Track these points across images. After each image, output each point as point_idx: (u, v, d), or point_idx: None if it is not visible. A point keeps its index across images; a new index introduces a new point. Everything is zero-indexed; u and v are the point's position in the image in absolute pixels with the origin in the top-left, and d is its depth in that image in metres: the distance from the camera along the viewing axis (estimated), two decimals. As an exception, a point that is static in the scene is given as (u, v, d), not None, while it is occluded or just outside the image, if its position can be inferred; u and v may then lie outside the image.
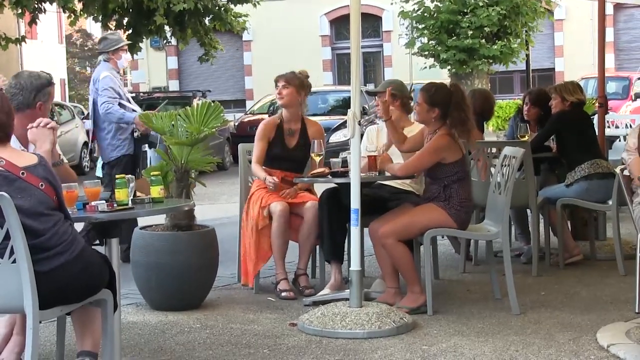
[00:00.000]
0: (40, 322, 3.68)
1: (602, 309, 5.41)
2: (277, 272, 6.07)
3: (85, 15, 18.18)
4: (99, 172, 6.51)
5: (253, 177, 6.36)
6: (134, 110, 7.37)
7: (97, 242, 4.18)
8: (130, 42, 7.27)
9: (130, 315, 5.57)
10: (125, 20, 18.57)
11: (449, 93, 5.48)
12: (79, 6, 17.56)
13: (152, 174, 4.72)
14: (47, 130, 4.04)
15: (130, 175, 4.64)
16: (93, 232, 4.22)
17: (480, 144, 6.86)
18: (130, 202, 4.38)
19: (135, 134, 7.27)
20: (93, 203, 4.17)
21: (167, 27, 18.68)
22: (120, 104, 7.33)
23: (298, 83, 6.25)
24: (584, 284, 6.17)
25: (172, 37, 19.79)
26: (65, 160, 4.44)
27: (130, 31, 18.70)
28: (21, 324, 4.13)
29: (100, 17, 18.03)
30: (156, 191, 4.59)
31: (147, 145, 7.33)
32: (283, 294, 5.93)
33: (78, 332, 3.91)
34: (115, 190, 4.33)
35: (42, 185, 3.62)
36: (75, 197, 4.15)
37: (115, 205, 4.22)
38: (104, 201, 4.19)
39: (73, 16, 17.56)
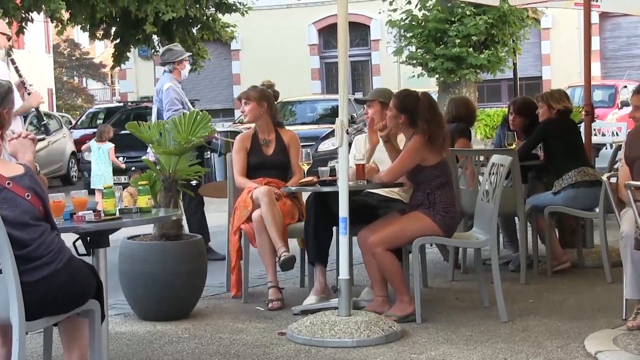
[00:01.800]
0: (26, 334, 3.67)
1: (590, 317, 5.42)
2: (268, 274, 6.05)
3: (73, 25, 18.17)
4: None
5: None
6: None
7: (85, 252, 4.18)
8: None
9: (118, 326, 5.55)
10: (113, 30, 18.57)
11: (416, 100, 5.52)
12: (66, 15, 17.55)
13: (139, 183, 4.72)
14: (28, 141, 4.02)
15: (118, 185, 4.64)
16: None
17: (468, 152, 6.88)
18: (117, 212, 4.37)
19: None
20: (80, 213, 4.16)
21: (155, 37, 18.68)
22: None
23: (257, 96, 6.36)
24: (572, 291, 6.18)
25: (160, 47, 19.80)
26: (39, 169, 4.41)
27: (117, 40, 18.70)
28: (6, 336, 4.11)
29: (87, 27, 18.03)
30: (143, 201, 4.58)
31: (209, 152, 7.36)
32: (269, 304, 5.91)
33: (65, 343, 3.89)
34: (103, 200, 4.32)
35: (28, 195, 3.61)
36: (62, 207, 4.14)
37: (102, 215, 4.21)
38: (91, 211, 4.18)
39: (60, 25, 17.54)
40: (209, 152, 7.42)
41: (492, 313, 5.50)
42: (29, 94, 6.36)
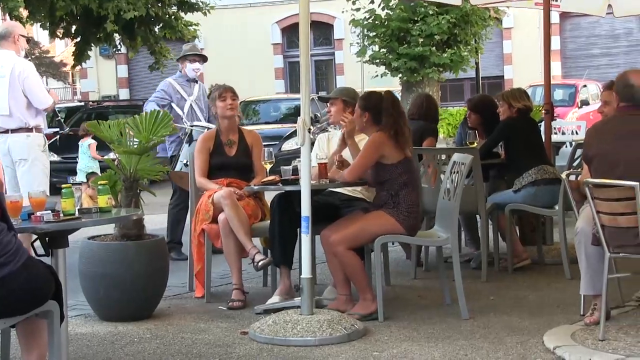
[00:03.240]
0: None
1: (549, 313, 5.48)
2: (232, 276, 6.05)
3: (32, 23, 17.97)
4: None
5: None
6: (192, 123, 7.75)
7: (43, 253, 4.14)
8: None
9: (78, 327, 5.51)
10: (73, 28, 18.40)
11: (379, 99, 5.57)
12: (25, 13, 17.34)
13: (99, 183, 4.69)
14: None
15: (76, 185, 4.61)
16: None
17: (429, 151, 6.92)
18: (76, 212, 4.34)
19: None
20: (38, 213, 4.13)
21: (116, 35, 18.54)
22: (171, 107, 7.82)
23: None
24: (532, 288, 6.25)
25: (122, 45, 19.66)
26: None
27: (78, 39, 18.53)
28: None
29: (47, 25, 17.84)
30: (103, 200, 4.55)
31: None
32: (230, 303, 5.91)
33: (23, 345, 3.86)
34: (62, 200, 4.28)
35: (-16, 195, 3.57)
36: (19, 207, 4.11)
37: (61, 215, 4.18)
38: (50, 211, 4.14)
39: (19, 23, 17.32)
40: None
41: (454, 310, 5.54)
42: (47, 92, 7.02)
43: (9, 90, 6.80)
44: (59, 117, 11.32)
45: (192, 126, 7.55)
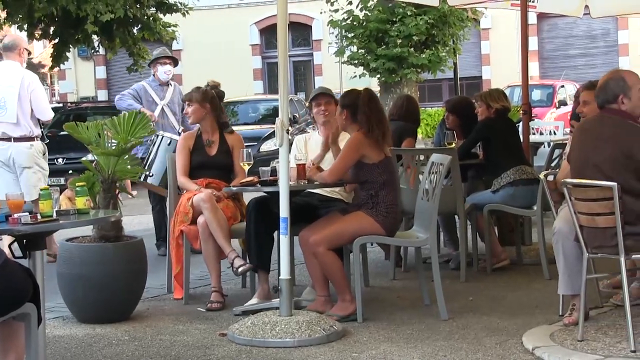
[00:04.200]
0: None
1: (528, 313, 5.50)
2: (211, 278, 6.04)
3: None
4: None
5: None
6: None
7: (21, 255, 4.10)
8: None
9: (56, 329, 5.47)
10: (52, 29, 18.27)
11: (357, 96, 5.57)
12: (2, 15, 17.21)
13: (77, 184, 4.65)
14: None
15: (55, 187, 4.57)
16: None
17: (408, 151, 6.93)
18: (54, 214, 4.31)
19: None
20: (16, 215, 4.09)
21: (95, 37, 18.43)
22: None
23: (200, 98, 6.36)
24: (511, 288, 6.27)
25: (100, 47, 19.54)
26: None
27: (56, 40, 18.41)
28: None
29: (25, 26, 17.71)
30: (81, 202, 4.52)
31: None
32: (209, 304, 5.89)
33: (0, 347, 3.82)
34: (39, 202, 4.25)
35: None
36: (21, 205, 4.07)
37: (39, 217, 4.14)
38: (27, 213, 4.11)
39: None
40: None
41: (433, 311, 5.55)
42: None
43: (18, 100, 7.23)
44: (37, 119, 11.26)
45: (157, 135, 7.42)
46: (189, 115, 6.45)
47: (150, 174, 7.00)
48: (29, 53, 7.76)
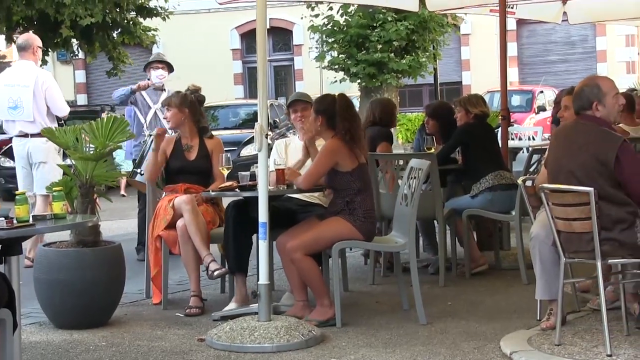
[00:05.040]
0: None
1: (506, 318, 5.52)
2: (190, 282, 6.02)
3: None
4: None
5: (160, 195, 6.31)
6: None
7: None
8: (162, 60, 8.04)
9: (32, 335, 5.43)
10: (30, 33, 18.17)
11: (332, 102, 5.57)
12: (-19, 18, 17.12)
13: (54, 189, 4.63)
14: None
15: (31, 192, 4.56)
16: None
17: (387, 157, 6.94)
18: (31, 219, 4.28)
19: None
20: (-9, 220, 4.06)
21: (74, 40, 18.35)
22: (135, 114, 8.11)
23: (178, 102, 6.33)
24: (489, 293, 6.29)
25: (80, 51, 19.47)
26: None
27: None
28: None
29: (4, 29, 17.61)
30: (58, 207, 4.50)
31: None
32: (187, 310, 5.87)
33: (-24, 353, 3.80)
34: (15, 206, 4.22)
35: None
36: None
37: (15, 222, 4.12)
38: (3, 218, 4.08)
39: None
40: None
41: (411, 316, 5.56)
42: None
43: (33, 98, 7.61)
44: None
45: (150, 134, 7.48)
46: (168, 120, 6.43)
47: (141, 172, 6.99)
48: (43, 51, 8.13)
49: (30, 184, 7.63)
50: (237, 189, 5.66)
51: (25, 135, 7.67)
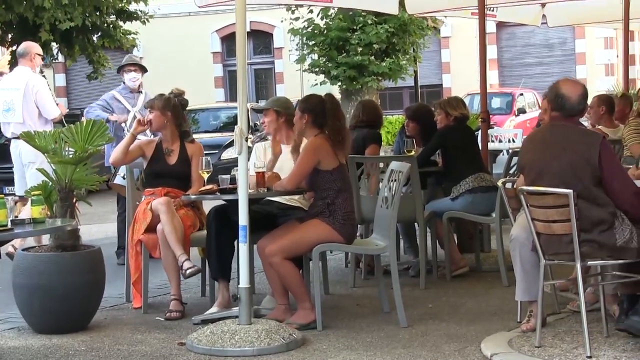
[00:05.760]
0: None
1: (487, 320, 5.53)
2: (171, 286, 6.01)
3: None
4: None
5: (141, 198, 6.29)
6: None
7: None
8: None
9: (11, 340, 5.39)
10: (9, 37, 18.08)
11: (320, 101, 5.59)
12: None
13: (32, 193, 4.60)
14: None
15: (11, 196, 4.53)
16: None
17: (367, 159, 6.94)
18: (9, 223, 4.25)
19: None
20: (-31, 225, 4.03)
21: (54, 44, 18.25)
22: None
23: (161, 105, 6.31)
24: (470, 295, 6.30)
25: (60, 54, 19.37)
26: None
27: (14, 47, 18.20)
28: None
29: (-17, 33, 17.51)
30: (37, 211, 4.47)
31: None
32: (167, 314, 5.85)
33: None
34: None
35: None
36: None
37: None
38: (-19, 223, 4.05)
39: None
40: None
41: (392, 318, 5.56)
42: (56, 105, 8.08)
43: (23, 101, 7.97)
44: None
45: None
46: (151, 122, 6.39)
47: (123, 176, 6.96)
48: (43, 58, 8.47)
49: (25, 185, 7.76)
50: (217, 192, 5.65)
51: (17, 137, 7.79)
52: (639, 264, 4.77)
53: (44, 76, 8.36)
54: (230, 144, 15.43)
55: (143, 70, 8.38)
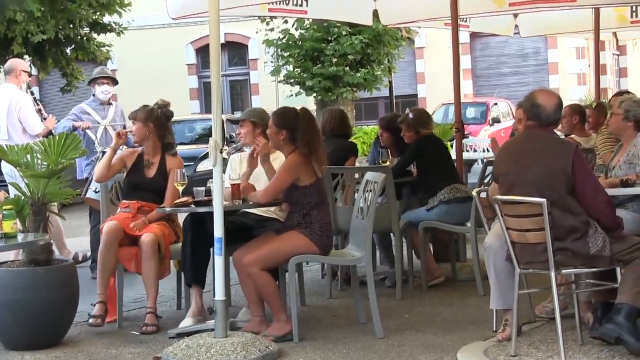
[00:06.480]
0: None
1: (463, 329, 5.54)
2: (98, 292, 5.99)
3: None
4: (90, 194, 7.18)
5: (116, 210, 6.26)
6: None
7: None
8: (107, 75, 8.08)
9: (-17, 358, 5.34)
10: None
11: (295, 116, 5.56)
12: None
13: (4, 208, 4.56)
14: None
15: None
16: None
17: (342, 170, 6.93)
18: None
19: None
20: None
21: (26, 57, 18.14)
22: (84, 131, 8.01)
23: (144, 117, 6.26)
24: (446, 305, 6.31)
25: (33, 67, 19.24)
26: None
27: (-13, 60, 18.08)
28: None
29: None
30: (8, 226, 4.43)
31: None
32: (143, 328, 5.81)
33: None
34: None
35: None
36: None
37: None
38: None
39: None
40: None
41: (369, 329, 5.55)
42: (44, 119, 8.14)
43: (7, 118, 8.07)
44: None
45: (103, 151, 7.41)
46: (133, 134, 6.33)
47: (96, 190, 6.91)
48: (29, 74, 8.50)
49: None
50: (192, 205, 5.62)
51: None
52: (612, 272, 4.80)
53: (31, 92, 8.41)
54: (206, 155, 15.39)
55: (114, 82, 8.35)
